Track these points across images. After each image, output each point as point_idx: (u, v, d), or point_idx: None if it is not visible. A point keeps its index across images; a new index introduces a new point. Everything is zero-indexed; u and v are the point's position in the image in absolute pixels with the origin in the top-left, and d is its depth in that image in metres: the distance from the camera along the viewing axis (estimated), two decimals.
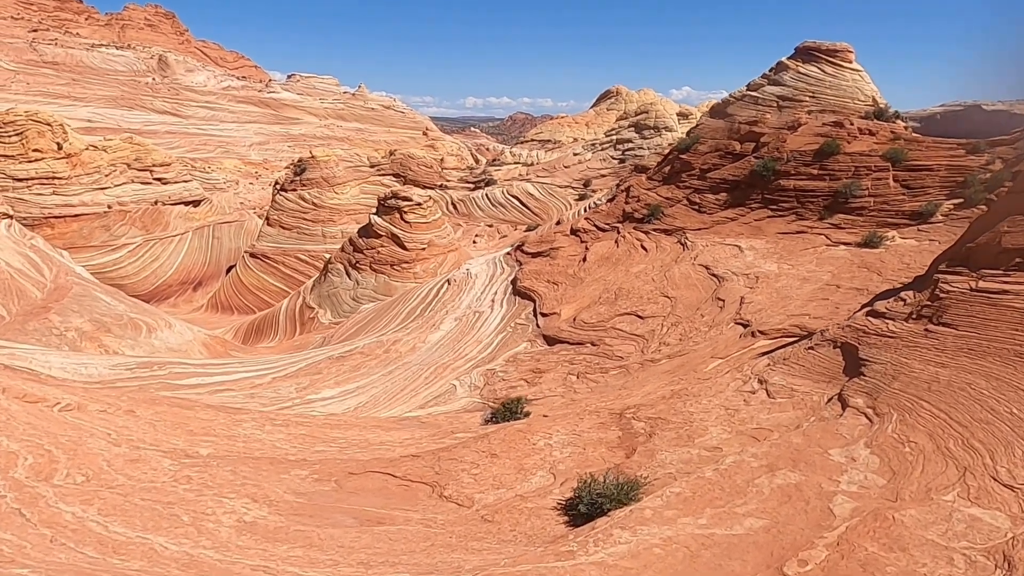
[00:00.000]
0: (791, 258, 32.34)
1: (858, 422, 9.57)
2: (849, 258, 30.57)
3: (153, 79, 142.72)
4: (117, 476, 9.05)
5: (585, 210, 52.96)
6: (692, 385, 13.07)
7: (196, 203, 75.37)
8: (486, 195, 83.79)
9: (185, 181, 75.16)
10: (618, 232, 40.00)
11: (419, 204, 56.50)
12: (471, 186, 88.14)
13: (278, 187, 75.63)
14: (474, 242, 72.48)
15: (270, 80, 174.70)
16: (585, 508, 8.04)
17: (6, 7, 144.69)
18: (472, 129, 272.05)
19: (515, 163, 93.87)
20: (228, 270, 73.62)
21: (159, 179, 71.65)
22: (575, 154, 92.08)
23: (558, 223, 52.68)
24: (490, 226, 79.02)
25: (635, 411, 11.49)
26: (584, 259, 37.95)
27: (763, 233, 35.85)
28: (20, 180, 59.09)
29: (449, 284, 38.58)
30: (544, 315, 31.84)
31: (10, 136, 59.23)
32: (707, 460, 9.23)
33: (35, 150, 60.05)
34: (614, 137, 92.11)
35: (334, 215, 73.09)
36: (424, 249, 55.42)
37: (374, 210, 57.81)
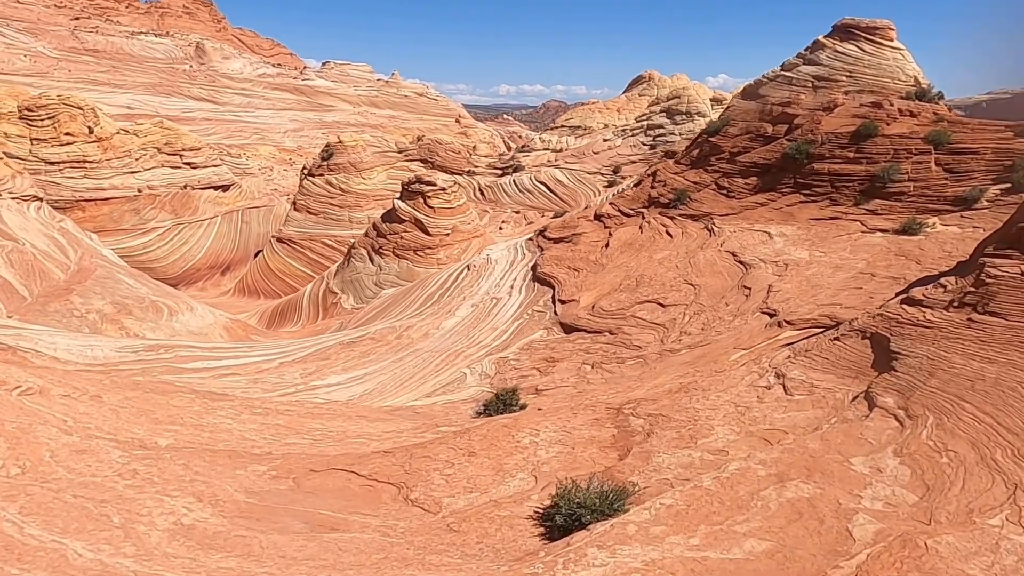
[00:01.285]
0: (823, 245, 30.75)
1: (887, 425, 8.34)
2: (886, 245, 28.85)
3: (190, 66, 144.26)
4: (57, 469, 8.28)
5: (612, 196, 51.56)
6: (703, 378, 11.90)
7: (225, 188, 75.67)
8: (513, 181, 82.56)
9: (215, 166, 75.46)
10: (643, 217, 38.66)
11: (443, 189, 55.65)
12: (499, 172, 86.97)
13: (305, 172, 75.52)
14: (500, 228, 71.47)
15: (305, 67, 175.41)
16: (562, 520, 7.01)
17: None
18: (505, 116, 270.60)
19: (544, 149, 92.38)
20: (256, 255, 73.86)
21: (189, 163, 71.99)
22: (604, 140, 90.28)
23: (585, 209, 51.41)
24: (517, 212, 77.89)
25: (635, 407, 10.37)
26: (607, 245, 36.71)
27: (794, 219, 34.24)
28: (52, 163, 59.67)
29: (468, 270, 37.68)
30: (563, 302, 30.75)
31: (43, 120, 59.80)
32: (709, 465, 8.11)
33: (67, 134, 60.56)
34: (645, 123, 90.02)
35: (361, 200, 72.71)
36: (448, 235, 54.60)
37: (398, 195, 57.16)
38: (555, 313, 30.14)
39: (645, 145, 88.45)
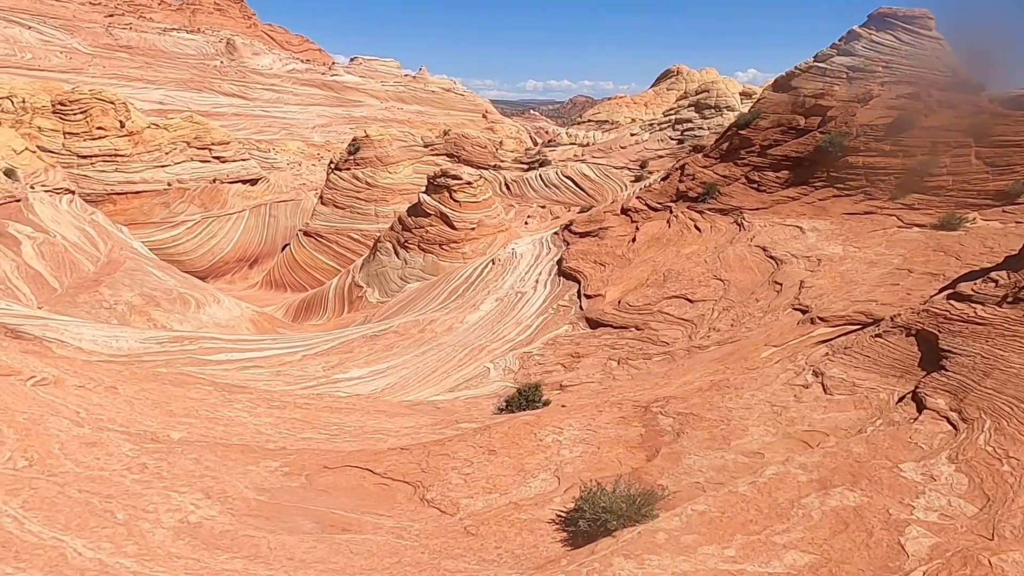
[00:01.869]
0: (858, 240, 29.86)
1: (938, 428, 7.74)
2: (923, 241, 27.88)
3: (221, 62, 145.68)
4: (65, 462, 8.04)
5: (640, 190, 50.77)
6: (735, 376, 11.33)
7: (253, 182, 76.14)
8: (540, 176, 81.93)
9: (243, 160, 75.97)
10: (671, 212, 37.95)
11: (469, 183, 55.27)
12: (525, 167, 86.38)
13: (332, 166, 75.71)
14: (526, 223, 70.96)
15: (333, 63, 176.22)
16: (586, 524, 6.56)
17: None
18: (532, 112, 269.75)
19: (570, 144, 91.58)
20: (283, 248, 74.27)
21: (217, 157, 72.56)
22: (632, 134, 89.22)
23: (612, 204, 50.68)
24: (543, 207, 77.28)
25: (663, 404, 9.85)
26: (633, 239, 36.06)
27: (827, 213, 33.33)
28: (84, 157, 60.51)
29: (493, 264, 37.30)
30: (588, 297, 30.23)
31: (75, 114, 60.65)
32: (744, 468, 7.59)
33: (99, 128, 61.36)
34: (673, 117, 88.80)
35: (387, 194, 72.66)
36: (473, 229, 54.23)
37: (423, 189, 56.93)
38: (580, 308, 29.63)
39: (673, 140, 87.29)
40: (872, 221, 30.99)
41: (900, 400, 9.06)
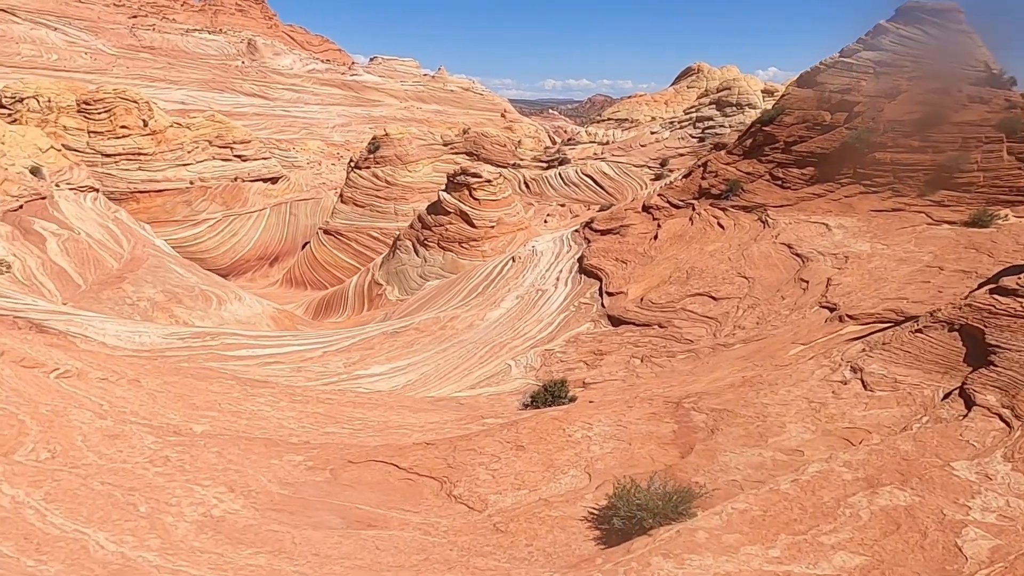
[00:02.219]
0: (886, 237, 29.30)
1: (990, 426, 7.40)
2: (954, 238, 27.31)
3: (242, 62, 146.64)
4: (87, 454, 7.93)
5: (661, 187, 50.27)
6: (768, 372, 11.00)
7: (274, 180, 76.54)
8: (559, 174, 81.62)
9: (264, 159, 76.40)
10: (693, 209, 37.52)
11: (488, 181, 55.11)
12: (544, 165, 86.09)
13: (352, 165, 75.94)
14: (545, 221, 70.68)
15: (353, 63, 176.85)
16: (620, 523, 6.30)
17: None
18: (550, 111, 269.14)
19: (590, 142, 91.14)
20: (303, 246, 74.59)
21: (239, 156, 73.02)
22: (652, 132, 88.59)
23: (632, 201, 50.26)
24: (562, 206, 76.96)
25: (695, 400, 9.56)
26: (655, 237, 35.67)
27: (854, 210, 32.77)
28: (108, 156, 61.14)
29: (513, 261, 37.08)
30: (610, 294, 29.92)
31: (99, 113, 61.30)
32: (784, 466, 7.30)
33: (122, 127, 61.98)
34: (693, 115, 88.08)
35: (406, 193, 72.74)
36: (493, 227, 54.06)
37: (443, 187, 56.86)
38: (602, 305, 29.33)
39: (694, 138, 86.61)
40: (900, 218, 30.42)
41: (946, 397, 8.69)
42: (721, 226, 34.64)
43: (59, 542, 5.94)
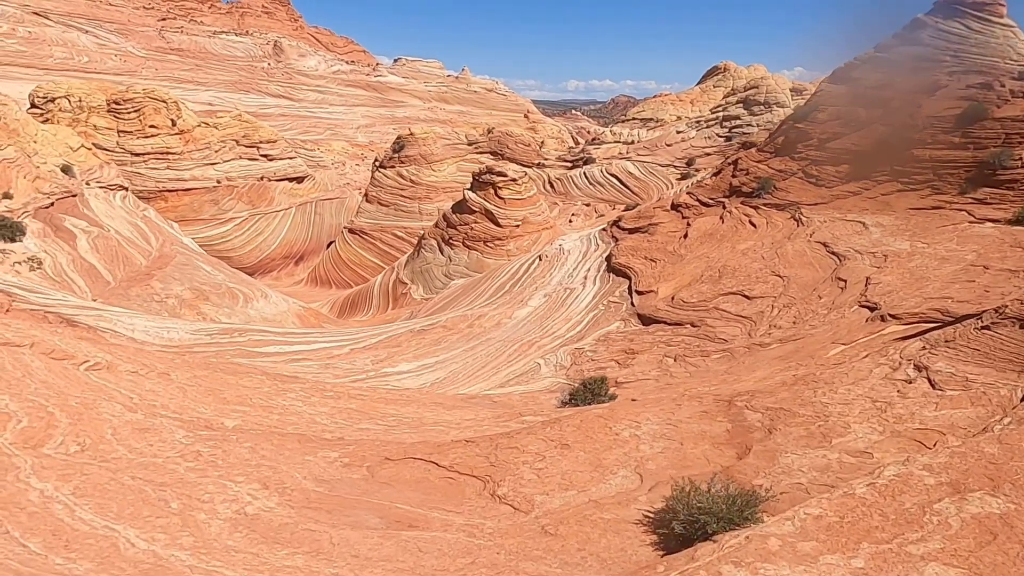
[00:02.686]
0: (926, 236, 28.49)
1: None
2: (998, 236, 26.45)
3: (268, 64, 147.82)
4: (117, 448, 7.66)
5: (690, 186, 49.57)
6: (821, 370, 10.48)
7: (300, 179, 76.90)
8: (584, 173, 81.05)
9: (290, 158, 76.78)
10: (724, 207, 36.89)
11: (514, 180, 54.78)
12: (569, 164, 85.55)
13: (377, 164, 76.06)
14: (570, 221, 70.16)
15: (377, 64, 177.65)
16: (681, 527, 5.87)
17: None
18: (573, 112, 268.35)
19: (615, 142, 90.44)
20: (328, 245, 74.83)
21: (265, 155, 73.46)
22: (678, 132, 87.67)
23: (659, 200, 49.61)
24: (587, 205, 76.38)
25: (748, 399, 9.08)
26: (685, 235, 35.09)
27: (891, 208, 31.95)
28: (137, 155, 61.77)
29: (540, 260, 36.69)
30: (640, 293, 29.42)
31: (129, 113, 61.96)
32: (852, 469, 6.81)
33: (151, 126, 62.59)
34: (720, 114, 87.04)
35: (431, 192, 72.69)
36: (518, 226, 53.73)
37: (468, 185, 56.63)
38: (632, 304, 28.84)
39: (721, 137, 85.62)
40: (940, 216, 29.58)
41: None
42: (753, 224, 33.99)
43: (88, 539, 5.65)
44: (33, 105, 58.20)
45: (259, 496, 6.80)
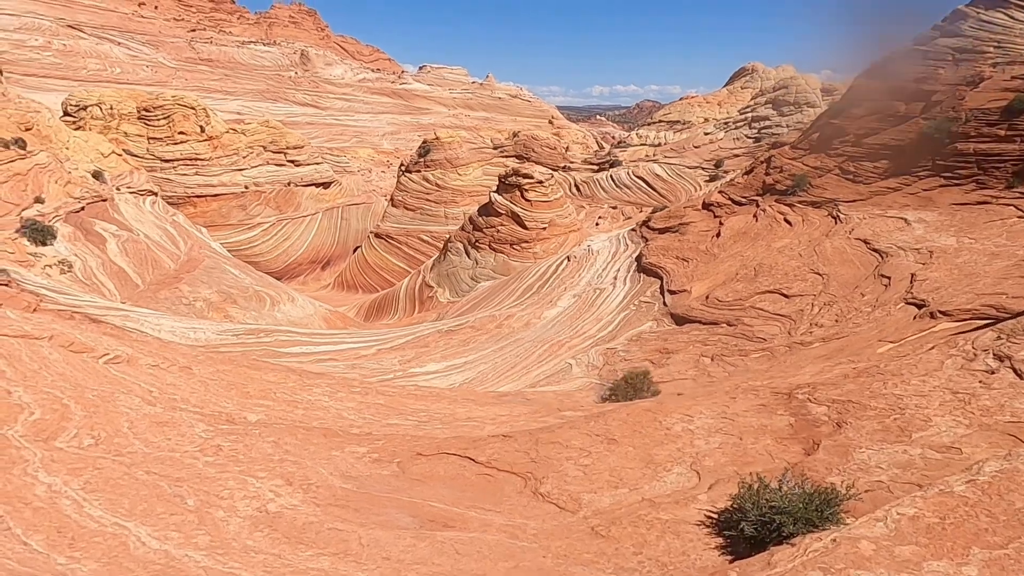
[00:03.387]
0: (972, 231, 27.35)
1: None
2: None
3: (295, 73, 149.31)
4: (133, 441, 7.18)
5: (722, 185, 48.58)
6: (885, 362, 9.70)
7: (326, 185, 77.10)
8: (610, 176, 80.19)
9: (316, 164, 77.03)
10: (757, 205, 35.97)
11: (540, 182, 54.21)
12: (595, 167, 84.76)
13: (403, 168, 76.01)
14: (597, 224, 69.34)
15: (403, 72, 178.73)
16: (752, 528, 5.20)
17: (169, 10, 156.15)
18: (598, 117, 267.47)
19: (641, 144, 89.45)
20: (354, 250, 74.86)
21: (292, 161, 73.75)
22: (706, 133, 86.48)
23: (688, 201, 48.69)
24: (614, 208, 75.51)
25: (810, 391, 8.34)
26: (718, 234, 34.22)
27: (934, 204, 30.81)
28: (167, 161, 62.33)
29: (569, 261, 36.05)
30: (672, 292, 28.63)
31: (159, 119, 62.58)
32: (939, 465, 6.09)
33: (180, 132, 63.15)
34: (749, 115, 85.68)
35: (457, 196, 72.40)
36: (545, 228, 53.12)
37: (494, 188, 56.18)
38: (664, 304, 28.06)
39: (749, 138, 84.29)
40: (987, 211, 28.42)
41: None
42: (788, 222, 33.05)
43: (96, 536, 5.14)
44: (66, 113, 59.03)
45: (282, 493, 6.26)
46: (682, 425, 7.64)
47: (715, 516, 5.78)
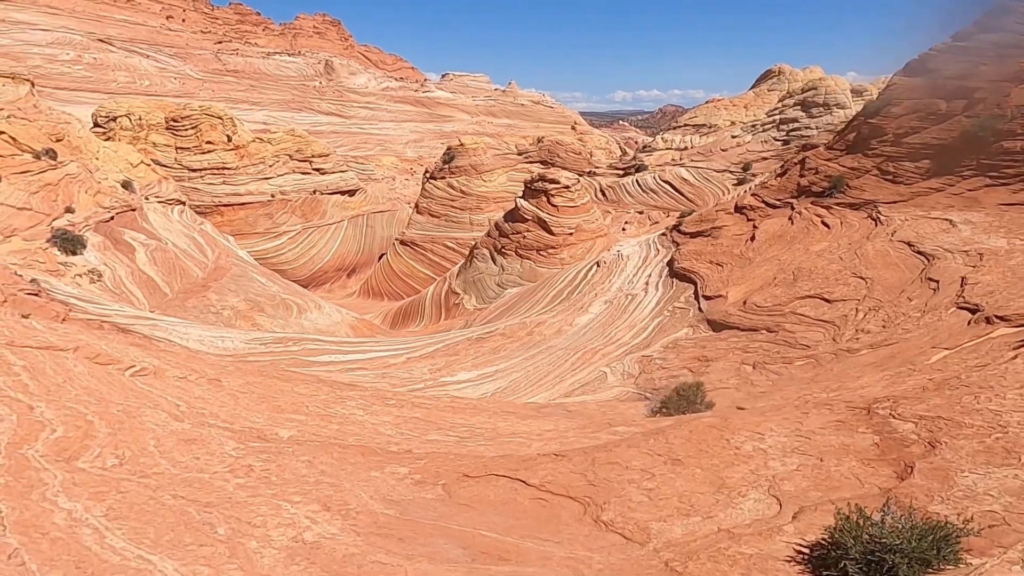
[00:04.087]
0: (1023, 232, 26.25)
1: None
2: None
3: (320, 83, 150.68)
4: (159, 461, 6.70)
5: (754, 187, 47.61)
6: (966, 372, 8.92)
7: (351, 193, 77.22)
8: (636, 181, 79.26)
9: (341, 172, 77.21)
10: (792, 208, 35.01)
11: (567, 187, 53.61)
12: (620, 172, 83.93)
13: (427, 175, 75.89)
14: (623, 229, 68.48)
15: (425, 80, 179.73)
16: (856, 569, 4.54)
17: (196, 23, 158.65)
18: (621, 123, 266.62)
19: (666, 148, 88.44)
20: (380, 257, 74.81)
21: (318, 169, 73.98)
22: (733, 136, 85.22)
23: (719, 204, 47.76)
24: (640, 213, 74.55)
25: (892, 406, 7.61)
26: (752, 238, 33.30)
27: (980, 204, 29.69)
28: (194, 170, 62.75)
29: (598, 266, 35.34)
30: (708, 298, 27.80)
31: (187, 129, 63.07)
32: None
33: (208, 142, 63.57)
34: (777, 117, 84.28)
35: (481, 202, 72.09)
36: (571, 234, 52.46)
37: (520, 193, 55.68)
38: (700, 310, 27.27)
39: (778, 140, 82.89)
40: None
41: None
42: (826, 225, 32.07)
43: (117, 572, 4.64)
44: (96, 124, 59.71)
45: (319, 520, 5.72)
46: (752, 444, 6.96)
47: (806, 552, 5.11)
